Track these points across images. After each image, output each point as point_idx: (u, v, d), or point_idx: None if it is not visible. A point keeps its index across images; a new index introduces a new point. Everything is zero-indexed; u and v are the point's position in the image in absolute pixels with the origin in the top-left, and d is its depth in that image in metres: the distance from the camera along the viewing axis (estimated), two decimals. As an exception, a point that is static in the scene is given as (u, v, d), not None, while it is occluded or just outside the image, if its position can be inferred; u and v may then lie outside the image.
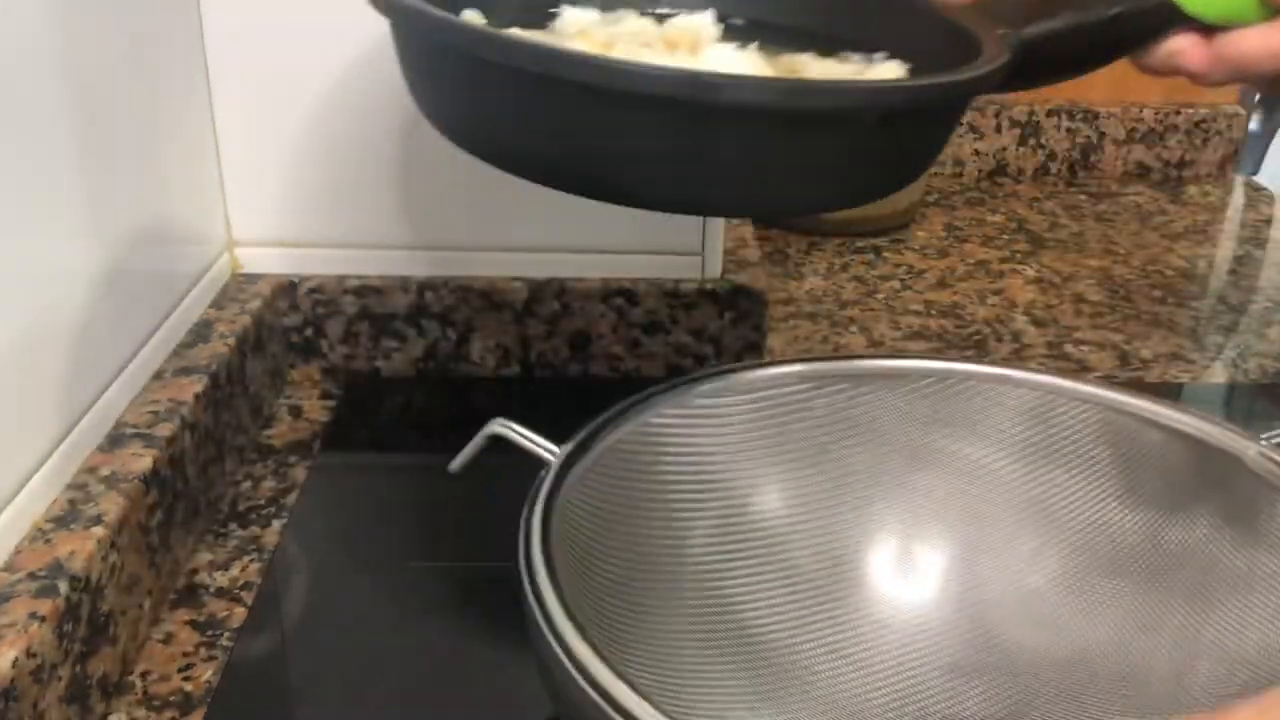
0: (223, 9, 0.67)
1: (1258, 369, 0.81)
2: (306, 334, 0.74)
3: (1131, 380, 0.78)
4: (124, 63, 0.59)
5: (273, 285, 0.72)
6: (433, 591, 0.57)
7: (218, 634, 0.53)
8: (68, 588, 0.45)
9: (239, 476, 0.65)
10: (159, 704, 0.49)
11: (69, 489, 0.51)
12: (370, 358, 0.75)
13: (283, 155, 0.71)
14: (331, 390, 0.74)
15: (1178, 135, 1.18)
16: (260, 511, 0.62)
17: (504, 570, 0.58)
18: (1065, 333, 0.85)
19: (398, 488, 0.66)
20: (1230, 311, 0.89)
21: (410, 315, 0.74)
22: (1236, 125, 1.18)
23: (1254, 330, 0.87)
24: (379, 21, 0.53)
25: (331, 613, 0.56)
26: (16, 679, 0.41)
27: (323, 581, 0.58)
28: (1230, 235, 1.07)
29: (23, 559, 0.46)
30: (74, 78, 0.53)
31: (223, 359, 0.63)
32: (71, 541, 0.47)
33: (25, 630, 0.43)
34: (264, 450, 0.67)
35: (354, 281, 0.73)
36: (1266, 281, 0.96)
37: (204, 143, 0.69)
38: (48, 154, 0.51)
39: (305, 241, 0.72)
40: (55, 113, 0.52)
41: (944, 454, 0.53)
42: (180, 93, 0.66)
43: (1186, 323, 0.87)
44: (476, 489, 0.53)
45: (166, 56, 0.64)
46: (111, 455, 0.53)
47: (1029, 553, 0.51)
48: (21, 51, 0.49)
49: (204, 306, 0.68)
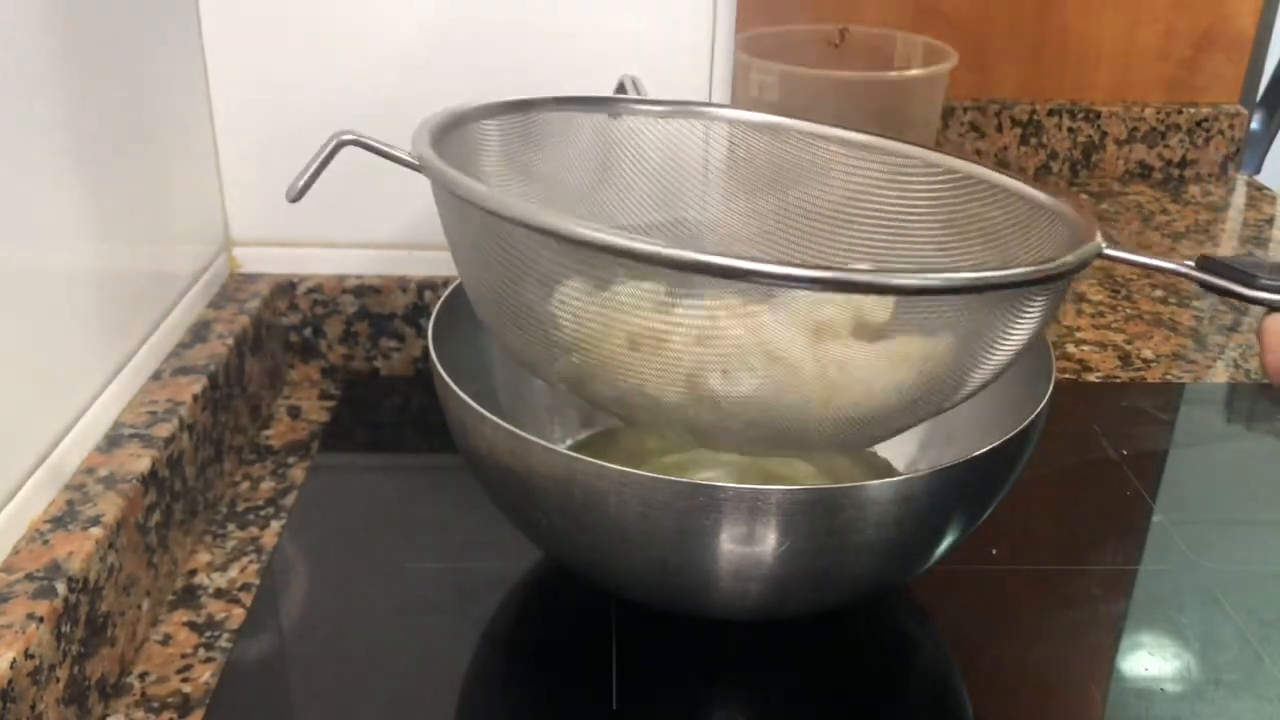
0: (222, 9, 0.67)
1: (1259, 369, 0.81)
2: (305, 334, 0.74)
3: (1133, 380, 0.78)
4: (123, 62, 0.58)
5: (271, 285, 0.72)
6: (431, 592, 0.57)
7: (216, 635, 0.53)
8: (66, 589, 0.45)
9: (237, 477, 0.65)
10: (157, 705, 0.49)
11: (67, 489, 0.51)
12: (369, 358, 0.75)
13: (282, 155, 0.70)
14: (330, 390, 0.74)
15: (1179, 134, 1.17)
16: (259, 512, 0.62)
17: (503, 570, 0.58)
18: (1066, 332, 0.85)
19: (397, 488, 0.66)
20: (1232, 311, 0.89)
21: (409, 315, 0.73)
22: (1238, 124, 1.17)
23: (1255, 330, 0.86)
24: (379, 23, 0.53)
25: (330, 613, 0.56)
26: (14, 680, 0.41)
27: (321, 582, 0.58)
28: (1232, 235, 1.07)
29: (21, 560, 0.46)
30: (73, 78, 0.53)
31: (221, 359, 0.63)
32: (69, 542, 0.47)
33: (23, 631, 0.42)
34: (262, 451, 0.67)
35: (353, 281, 0.73)
36: (1268, 281, 0.95)
37: (203, 143, 0.69)
38: (47, 154, 0.51)
39: (304, 241, 0.72)
40: (55, 113, 0.51)
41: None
42: (179, 93, 0.66)
43: (1188, 322, 0.87)
44: (476, 489, 0.53)
45: (166, 56, 0.64)
46: (110, 456, 0.53)
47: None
48: (21, 51, 0.49)
49: (202, 306, 0.68)
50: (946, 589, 0.57)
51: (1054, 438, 0.54)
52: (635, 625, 0.54)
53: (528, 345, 0.49)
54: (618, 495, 0.45)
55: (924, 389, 0.47)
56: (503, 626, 0.55)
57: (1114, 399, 0.76)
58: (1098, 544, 0.62)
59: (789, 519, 0.44)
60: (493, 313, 0.50)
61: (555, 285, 0.46)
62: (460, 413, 0.49)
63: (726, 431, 0.47)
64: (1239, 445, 0.75)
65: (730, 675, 0.53)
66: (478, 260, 0.49)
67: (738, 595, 0.48)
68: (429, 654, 0.53)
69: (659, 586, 0.50)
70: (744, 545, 0.45)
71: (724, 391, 0.45)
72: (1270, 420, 0.77)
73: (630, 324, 0.45)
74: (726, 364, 0.45)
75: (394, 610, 0.56)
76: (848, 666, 0.53)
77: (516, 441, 0.46)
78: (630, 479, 0.44)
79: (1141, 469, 0.68)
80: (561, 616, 0.56)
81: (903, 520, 0.46)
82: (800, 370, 0.45)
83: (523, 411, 0.62)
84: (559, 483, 0.46)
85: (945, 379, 0.47)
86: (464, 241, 0.50)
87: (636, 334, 0.45)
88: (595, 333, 0.46)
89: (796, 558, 0.46)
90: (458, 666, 0.52)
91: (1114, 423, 0.73)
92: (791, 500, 0.44)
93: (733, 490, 0.44)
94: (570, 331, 0.46)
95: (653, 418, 0.48)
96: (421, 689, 0.51)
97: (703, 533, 0.45)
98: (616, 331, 0.45)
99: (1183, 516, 0.64)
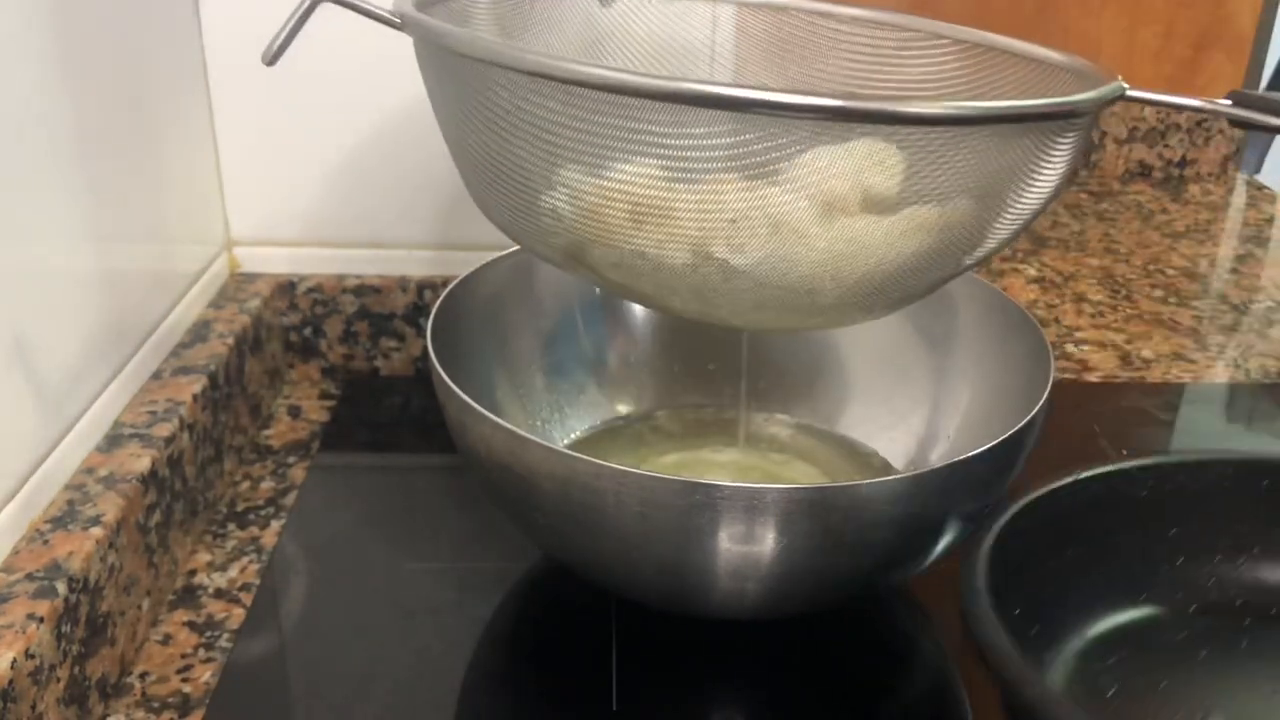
0: (221, 9, 0.67)
1: (1259, 368, 0.81)
2: (305, 334, 0.74)
3: (1133, 380, 0.78)
4: (123, 62, 0.58)
5: (271, 285, 0.72)
6: (431, 592, 0.57)
7: (216, 635, 0.53)
8: (66, 588, 0.45)
9: (237, 477, 0.65)
10: (158, 705, 0.49)
11: (67, 489, 0.51)
12: (369, 357, 0.75)
13: (282, 155, 0.70)
14: (330, 390, 0.74)
15: (1179, 134, 1.17)
16: (259, 512, 0.62)
17: (503, 570, 0.58)
18: (1066, 332, 0.85)
19: (397, 488, 0.66)
20: (1232, 311, 0.89)
21: (409, 315, 0.73)
22: (1238, 124, 1.17)
23: (1256, 330, 0.86)
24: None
25: (330, 613, 0.56)
26: (15, 680, 0.41)
27: (321, 582, 0.58)
28: (1232, 234, 1.07)
29: (21, 560, 0.46)
30: (73, 77, 0.53)
31: (221, 359, 0.63)
32: (70, 542, 0.47)
33: (23, 631, 0.42)
34: (262, 450, 0.67)
35: (353, 281, 0.73)
36: (1268, 281, 0.95)
37: (203, 142, 0.69)
38: (47, 153, 0.51)
39: (304, 241, 0.72)
40: (54, 113, 0.51)
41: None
42: (179, 92, 0.66)
43: (1188, 322, 0.87)
44: (476, 489, 0.53)
45: (165, 56, 0.64)
46: (109, 455, 0.53)
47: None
48: (20, 51, 0.49)
49: (202, 306, 0.68)
50: (946, 589, 0.57)
51: (1054, 438, 0.54)
52: (635, 625, 0.54)
53: (523, 219, 0.47)
54: (616, 494, 0.45)
55: (940, 252, 0.45)
56: (503, 626, 0.55)
57: (1114, 399, 0.76)
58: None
59: (787, 518, 0.44)
60: (484, 185, 0.48)
61: (551, 147, 0.44)
62: (459, 412, 0.49)
63: (735, 293, 0.46)
64: (1239, 445, 0.75)
65: (730, 675, 0.53)
66: (467, 125, 0.47)
67: (736, 594, 0.48)
68: (429, 654, 0.53)
69: (657, 586, 0.50)
70: (742, 544, 0.45)
71: (732, 259, 0.44)
72: (1270, 420, 0.77)
73: (632, 195, 0.43)
74: (731, 235, 0.43)
75: (394, 610, 0.56)
76: (847, 666, 0.54)
77: (515, 441, 0.46)
78: (629, 478, 0.44)
79: (1141, 468, 0.68)
80: (561, 616, 0.56)
81: (900, 520, 0.46)
82: (808, 243, 0.44)
83: (522, 411, 0.62)
84: (558, 482, 0.46)
85: (961, 242, 0.45)
86: (452, 106, 0.48)
87: (639, 205, 0.43)
88: (594, 205, 0.44)
89: (794, 557, 0.46)
90: (458, 666, 0.53)
91: (1114, 423, 0.73)
92: (789, 499, 0.44)
93: (730, 489, 0.44)
94: (569, 202, 0.45)
95: (655, 286, 0.46)
96: (421, 689, 0.51)
97: (701, 532, 0.45)
98: (618, 202, 0.44)
99: (1182, 516, 0.64)
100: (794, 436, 0.65)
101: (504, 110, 0.44)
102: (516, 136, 0.45)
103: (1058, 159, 0.44)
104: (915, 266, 0.45)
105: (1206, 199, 1.14)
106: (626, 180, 0.43)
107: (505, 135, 0.45)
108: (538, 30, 0.57)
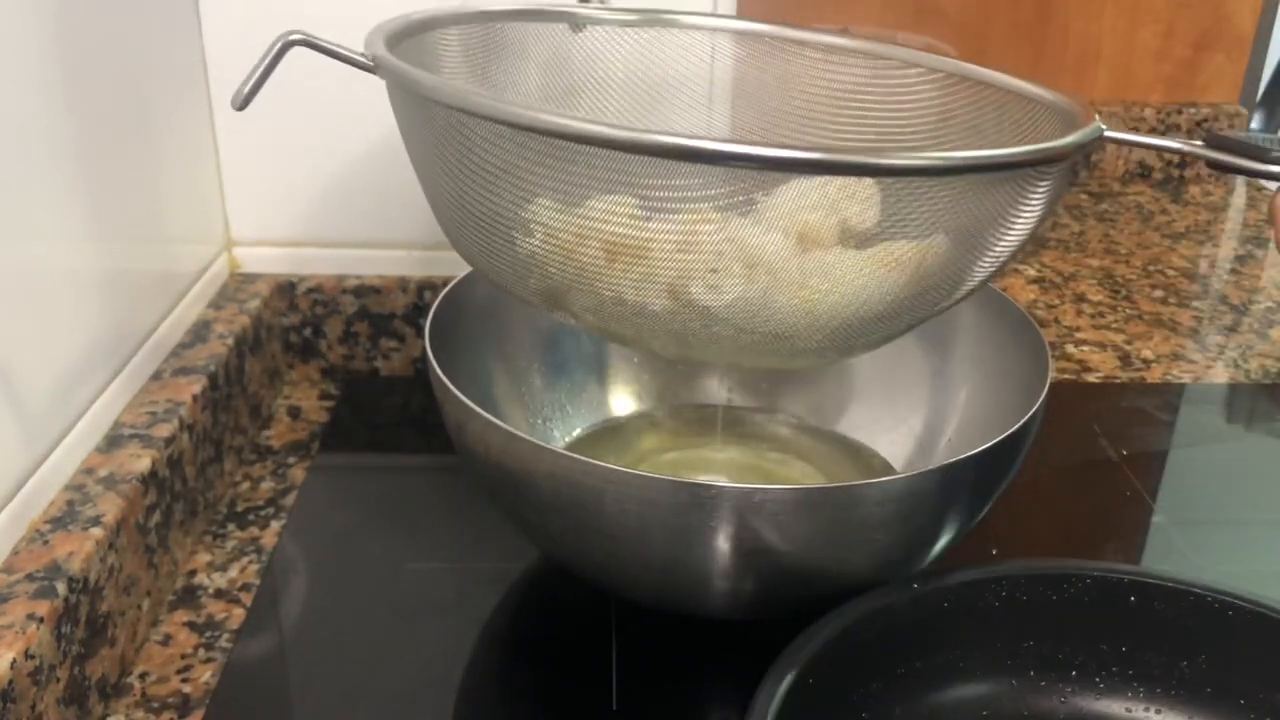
0: (222, 10, 0.67)
1: (1259, 369, 0.81)
2: (305, 334, 0.74)
3: (1133, 380, 0.78)
4: (123, 63, 0.58)
5: (271, 285, 0.72)
6: (431, 592, 0.57)
7: (216, 635, 0.53)
8: (66, 589, 0.45)
9: (237, 477, 0.65)
10: (157, 705, 0.49)
11: (67, 490, 0.51)
12: (369, 358, 0.75)
13: (281, 155, 0.71)
14: (330, 390, 0.74)
15: (1179, 134, 1.17)
16: (259, 512, 0.62)
17: (503, 570, 0.58)
18: (1066, 333, 0.85)
19: (396, 488, 0.66)
20: (1232, 311, 0.89)
21: (409, 315, 0.73)
22: (1238, 124, 1.17)
23: (1256, 330, 0.86)
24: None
25: (330, 613, 0.56)
26: (15, 680, 0.41)
27: (321, 582, 0.58)
28: (1232, 235, 1.07)
29: (21, 560, 0.46)
30: (73, 78, 0.53)
31: (221, 359, 0.63)
32: (70, 543, 0.47)
33: (23, 631, 0.42)
34: (262, 451, 0.67)
35: (352, 281, 0.73)
36: (1268, 281, 0.95)
37: (203, 142, 0.69)
38: (47, 154, 0.51)
39: (304, 241, 0.72)
40: (55, 113, 0.51)
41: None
42: (180, 93, 0.66)
43: (1188, 323, 0.87)
44: (475, 489, 0.53)
45: (166, 57, 0.64)
46: (109, 456, 0.53)
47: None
48: (21, 53, 0.49)
49: (202, 306, 0.68)
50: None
51: (1054, 438, 0.54)
52: (635, 625, 0.54)
53: (498, 260, 0.47)
54: (613, 494, 0.45)
55: (917, 293, 0.45)
56: (502, 626, 0.55)
57: (1114, 399, 0.76)
58: (1098, 544, 0.62)
59: (783, 518, 0.44)
60: (456, 226, 0.48)
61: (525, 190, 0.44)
62: (458, 412, 0.49)
63: (716, 339, 0.46)
64: (1239, 445, 0.75)
65: (729, 675, 0.53)
66: (441, 168, 0.47)
67: (732, 594, 0.48)
68: (429, 654, 0.53)
69: (654, 585, 0.50)
70: (738, 544, 0.45)
71: (708, 300, 0.44)
72: (1270, 420, 0.77)
73: (605, 234, 0.43)
74: (707, 271, 0.43)
75: (394, 610, 0.56)
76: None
77: (513, 441, 0.47)
78: (625, 478, 0.44)
79: (1141, 469, 0.68)
80: (561, 616, 0.56)
81: (898, 519, 0.46)
82: (784, 277, 0.43)
83: (521, 411, 0.62)
84: (555, 482, 0.46)
85: (939, 283, 0.45)
86: (425, 149, 0.48)
87: (613, 244, 0.43)
88: (568, 244, 0.44)
89: (791, 557, 0.46)
90: (457, 666, 0.53)
91: (1114, 423, 0.73)
92: (786, 499, 0.44)
93: (727, 489, 0.44)
94: (542, 243, 0.44)
95: (637, 330, 0.46)
96: (421, 688, 0.51)
97: (697, 532, 0.45)
98: (591, 242, 0.44)
99: (1183, 516, 0.64)
100: (793, 436, 0.65)
101: (477, 155, 0.45)
102: (488, 179, 0.45)
103: (1035, 200, 0.45)
104: (892, 308, 0.46)
105: (1206, 200, 1.14)
106: (599, 217, 0.43)
107: (477, 178, 0.45)
108: (511, 58, 0.57)
